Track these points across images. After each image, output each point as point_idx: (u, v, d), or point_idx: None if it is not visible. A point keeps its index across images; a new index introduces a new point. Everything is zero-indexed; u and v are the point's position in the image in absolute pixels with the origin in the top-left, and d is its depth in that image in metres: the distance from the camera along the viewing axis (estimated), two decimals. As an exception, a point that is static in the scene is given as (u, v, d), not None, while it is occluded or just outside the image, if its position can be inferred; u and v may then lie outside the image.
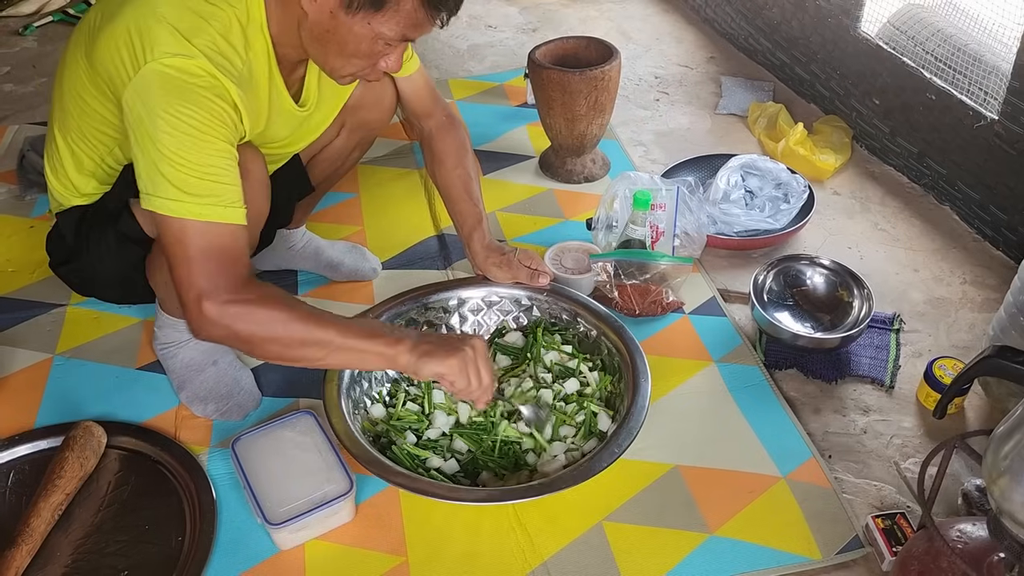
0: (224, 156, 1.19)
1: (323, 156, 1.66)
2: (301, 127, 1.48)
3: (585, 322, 1.57)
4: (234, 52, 1.22)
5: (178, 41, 1.16)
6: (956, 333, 1.73)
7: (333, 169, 1.71)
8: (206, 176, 1.17)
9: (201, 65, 1.17)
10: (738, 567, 1.29)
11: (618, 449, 1.31)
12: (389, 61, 1.29)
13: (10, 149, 2.29)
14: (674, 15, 3.13)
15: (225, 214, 1.19)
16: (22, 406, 1.55)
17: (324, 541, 1.33)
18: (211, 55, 1.18)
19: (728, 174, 2.01)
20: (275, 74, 1.32)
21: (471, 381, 1.28)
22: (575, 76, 1.98)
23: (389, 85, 1.60)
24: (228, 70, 1.20)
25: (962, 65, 1.94)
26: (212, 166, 1.18)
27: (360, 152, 1.73)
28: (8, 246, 1.95)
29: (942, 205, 2.09)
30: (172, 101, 1.15)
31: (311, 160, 1.65)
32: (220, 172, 1.19)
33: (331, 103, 1.52)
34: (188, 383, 1.54)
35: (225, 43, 1.21)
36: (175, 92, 1.15)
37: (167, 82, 1.15)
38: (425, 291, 1.60)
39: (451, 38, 2.98)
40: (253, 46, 1.25)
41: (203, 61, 1.17)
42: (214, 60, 1.18)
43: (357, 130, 1.64)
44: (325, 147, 1.64)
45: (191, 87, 1.16)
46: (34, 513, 1.29)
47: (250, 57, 1.25)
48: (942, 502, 1.38)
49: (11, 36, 3.00)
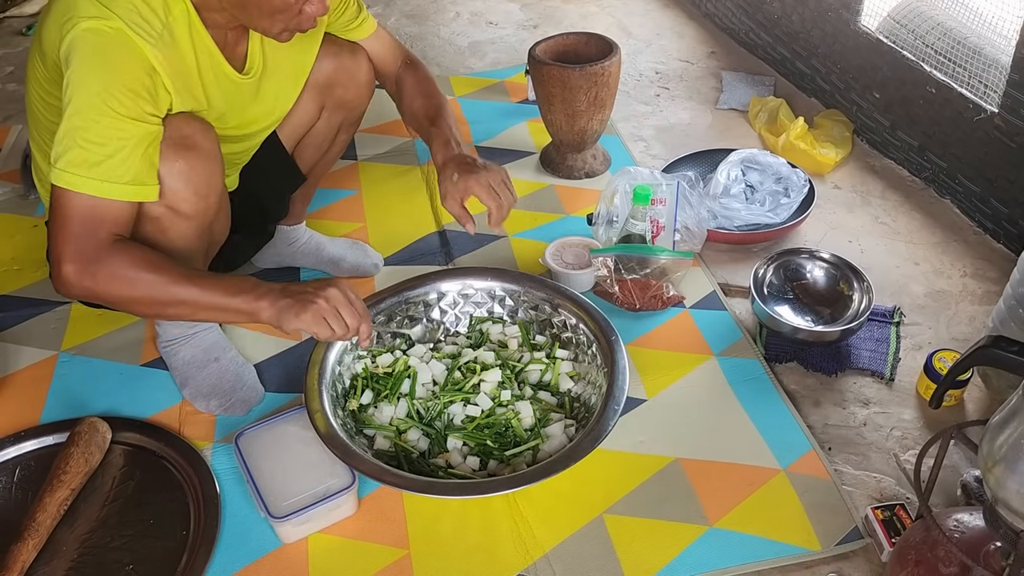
0: (132, 130, 1.21)
1: (307, 141, 1.66)
2: (256, 97, 1.47)
3: (565, 311, 1.57)
4: (153, 14, 1.23)
5: (95, 6, 1.19)
6: (956, 326, 1.74)
7: (321, 154, 1.71)
8: (109, 152, 1.19)
9: (115, 26, 1.19)
10: (738, 559, 1.30)
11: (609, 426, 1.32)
12: (312, 7, 1.29)
13: (14, 148, 2.31)
14: (675, 10, 3.13)
15: (119, 191, 1.21)
16: (28, 402, 1.56)
17: (327, 534, 1.34)
18: (127, 17, 1.20)
19: (728, 168, 2.01)
20: (201, 37, 1.31)
21: (334, 329, 1.27)
22: (575, 72, 1.99)
23: (362, 61, 1.61)
24: (145, 31, 1.21)
25: (962, 58, 1.95)
26: (118, 142, 1.20)
27: (347, 135, 1.73)
28: (12, 245, 1.96)
29: (943, 198, 2.09)
30: (86, 68, 1.18)
31: (296, 147, 1.65)
32: (125, 147, 1.21)
33: (285, 69, 1.50)
34: (191, 380, 1.55)
35: (143, 5, 1.22)
36: (91, 58, 1.18)
37: (84, 46, 1.18)
38: (404, 286, 1.61)
39: (452, 35, 2.99)
40: (172, 10, 1.26)
41: (118, 22, 1.19)
42: (130, 22, 1.20)
43: (337, 110, 1.64)
44: (308, 131, 1.64)
45: (105, 51, 1.19)
46: (40, 508, 1.30)
47: (170, 21, 1.26)
48: (941, 493, 1.38)
49: (14, 36, 3.02)
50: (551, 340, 1.59)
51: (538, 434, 1.41)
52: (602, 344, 1.48)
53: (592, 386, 1.48)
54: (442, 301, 1.63)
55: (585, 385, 1.50)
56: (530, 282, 1.62)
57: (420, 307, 1.62)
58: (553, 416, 1.45)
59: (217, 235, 1.48)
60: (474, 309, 1.64)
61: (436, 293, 1.62)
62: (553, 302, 1.59)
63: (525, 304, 1.62)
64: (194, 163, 1.30)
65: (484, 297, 1.64)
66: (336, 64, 1.57)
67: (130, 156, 1.22)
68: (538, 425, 1.43)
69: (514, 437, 1.41)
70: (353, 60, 1.59)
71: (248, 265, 1.84)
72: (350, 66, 1.59)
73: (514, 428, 1.42)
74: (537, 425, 1.43)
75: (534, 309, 1.62)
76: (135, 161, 1.22)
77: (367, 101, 1.68)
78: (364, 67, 1.61)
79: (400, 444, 1.41)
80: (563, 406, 1.49)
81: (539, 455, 1.39)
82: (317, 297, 1.26)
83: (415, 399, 1.47)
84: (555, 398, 1.50)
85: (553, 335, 1.60)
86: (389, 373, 1.51)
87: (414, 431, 1.43)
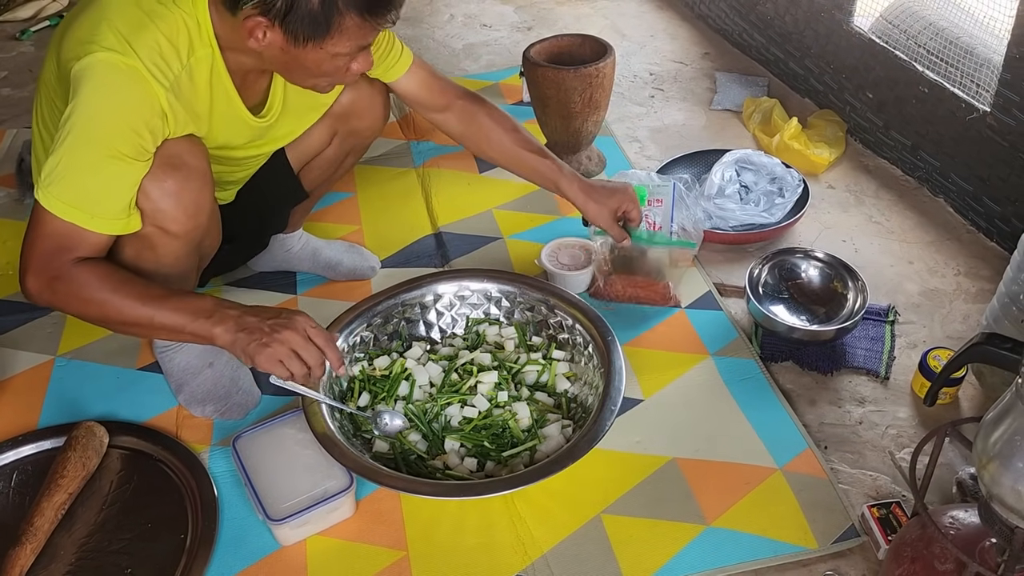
0: (121, 173, 1.21)
1: (315, 164, 1.66)
2: (264, 136, 1.47)
3: (562, 312, 1.58)
4: (174, 55, 1.22)
5: (117, 39, 1.18)
6: (951, 324, 1.75)
7: (327, 176, 1.71)
8: (92, 187, 1.20)
9: (132, 64, 1.18)
10: (735, 557, 1.31)
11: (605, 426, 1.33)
12: (357, 66, 1.30)
13: (8, 153, 2.30)
14: (668, 12, 3.14)
15: (101, 225, 1.22)
16: (25, 407, 1.56)
17: (325, 536, 1.34)
18: (147, 58, 1.19)
19: (723, 169, 2.02)
20: (221, 80, 1.30)
21: (293, 370, 1.25)
22: (570, 73, 1.99)
23: (379, 93, 1.60)
24: (162, 74, 1.21)
25: (954, 58, 1.95)
26: (102, 182, 1.21)
27: (354, 159, 1.73)
28: (7, 249, 1.95)
29: (936, 197, 2.10)
30: (92, 99, 1.18)
31: (303, 168, 1.65)
32: (113, 186, 1.21)
33: (301, 113, 1.50)
34: (185, 385, 1.55)
35: (168, 44, 1.21)
36: (100, 91, 1.18)
37: (96, 77, 1.17)
38: (399, 289, 1.61)
39: (446, 37, 2.99)
40: (196, 51, 1.25)
41: (135, 61, 1.18)
42: (149, 63, 1.19)
43: (349, 138, 1.64)
44: (316, 156, 1.64)
45: (117, 89, 1.18)
46: (38, 512, 1.30)
47: (191, 62, 1.25)
48: (937, 491, 1.39)
49: (8, 41, 3.02)
50: (547, 341, 1.60)
51: (535, 435, 1.41)
52: (598, 344, 1.48)
53: (589, 387, 1.48)
54: (438, 303, 1.63)
55: (582, 386, 1.51)
56: (526, 283, 1.62)
57: (416, 309, 1.62)
58: (550, 417, 1.45)
59: (207, 249, 1.47)
60: (470, 311, 1.65)
61: (432, 295, 1.62)
62: (549, 303, 1.59)
63: (521, 305, 1.63)
64: (183, 183, 1.29)
65: (480, 299, 1.64)
66: (354, 96, 1.56)
67: (121, 194, 1.23)
68: (535, 426, 1.43)
69: (511, 438, 1.42)
70: (371, 92, 1.58)
71: (244, 268, 1.84)
72: (368, 98, 1.58)
73: (511, 429, 1.42)
74: (534, 426, 1.43)
75: (530, 310, 1.62)
76: (124, 196, 1.23)
77: (380, 131, 1.68)
78: (380, 99, 1.61)
79: (400, 442, 1.41)
80: (560, 407, 1.49)
81: (536, 456, 1.39)
82: (272, 340, 1.23)
83: (412, 402, 1.47)
84: (552, 399, 1.51)
85: (549, 336, 1.60)
86: (386, 375, 1.51)
87: (413, 433, 1.43)
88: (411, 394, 1.48)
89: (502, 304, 1.64)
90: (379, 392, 1.49)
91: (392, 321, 1.60)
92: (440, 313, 1.64)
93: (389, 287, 1.61)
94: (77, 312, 1.27)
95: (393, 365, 1.53)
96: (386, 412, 1.43)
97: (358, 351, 1.54)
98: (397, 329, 1.60)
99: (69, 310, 1.27)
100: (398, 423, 1.42)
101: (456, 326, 1.65)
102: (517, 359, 1.56)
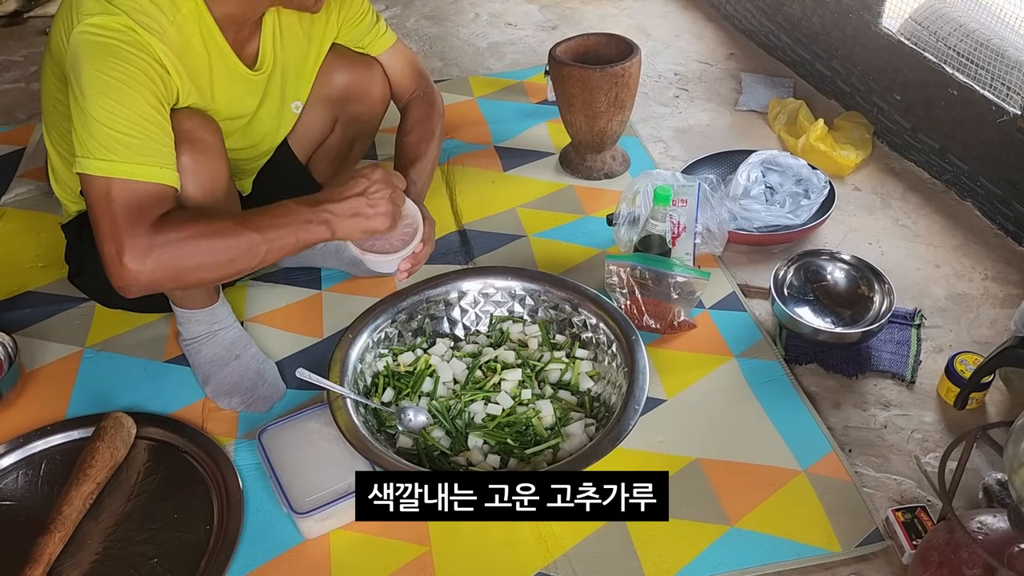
0: (151, 113, 1.20)
1: (321, 153, 1.67)
2: (264, 96, 1.47)
3: (586, 311, 1.58)
4: (160, 12, 1.23)
5: (99, 3, 1.19)
6: (977, 329, 1.73)
7: (336, 166, 1.72)
8: (134, 134, 1.18)
9: (122, 21, 1.18)
10: (758, 559, 1.30)
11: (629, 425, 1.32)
12: None
13: (38, 147, 2.33)
14: (694, 12, 3.13)
15: (153, 173, 1.19)
16: (54, 397, 1.58)
17: (349, 530, 1.35)
18: (134, 13, 1.20)
19: (748, 170, 2.01)
20: (212, 35, 1.31)
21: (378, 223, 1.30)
22: (595, 73, 1.99)
23: (378, 77, 1.61)
24: (152, 28, 1.21)
25: (984, 60, 1.94)
26: (139, 124, 1.18)
27: (361, 147, 1.73)
28: (38, 242, 1.98)
29: (964, 201, 2.08)
30: (95, 60, 1.17)
31: (310, 159, 1.66)
32: (148, 130, 1.19)
33: (293, 68, 1.50)
34: (212, 377, 1.56)
35: (150, 4, 1.22)
36: (98, 51, 1.18)
37: (90, 42, 1.18)
38: (424, 285, 1.61)
39: (471, 36, 3.00)
40: (181, 9, 1.26)
41: (124, 18, 1.19)
42: (137, 17, 1.20)
43: (350, 124, 1.65)
44: (321, 144, 1.65)
45: (113, 44, 1.18)
46: (66, 501, 1.32)
47: (178, 19, 1.25)
48: (963, 496, 1.38)
49: (38, 36, 3.05)
50: (571, 339, 1.60)
51: (558, 433, 1.41)
52: (622, 344, 1.48)
53: (612, 386, 1.48)
54: (463, 300, 1.64)
55: (605, 385, 1.51)
56: (550, 282, 1.62)
57: (441, 306, 1.62)
58: (573, 415, 1.46)
59: None
60: (495, 308, 1.65)
61: (457, 292, 1.63)
62: (573, 302, 1.59)
63: (545, 303, 1.63)
64: (198, 157, 1.29)
65: (504, 296, 1.64)
66: (351, 78, 1.57)
67: (160, 136, 1.21)
68: (558, 424, 1.43)
69: (534, 436, 1.42)
70: (368, 74, 1.60)
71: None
72: (365, 80, 1.59)
73: (534, 427, 1.42)
74: (557, 424, 1.43)
75: (554, 308, 1.62)
76: (164, 139, 1.21)
77: (381, 115, 1.68)
78: (379, 82, 1.62)
79: (423, 438, 1.41)
80: (583, 405, 1.49)
81: (559, 454, 1.39)
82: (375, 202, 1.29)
83: (436, 398, 1.48)
84: (575, 397, 1.51)
85: (573, 335, 1.60)
86: (411, 371, 1.52)
87: (437, 429, 1.43)
88: (435, 390, 1.48)
89: (526, 302, 1.64)
90: (403, 388, 1.49)
91: (416, 318, 1.60)
92: (464, 310, 1.64)
93: (413, 283, 1.62)
94: (189, 267, 1.19)
95: (417, 361, 1.53)
96: (410, 408, 1.44)
97: (382, 347, 1.55)
98: (421, 325, 1.61)
99: (179, 272, 1.20)
100: (422, 419, 1.43)
101: (480, 323, 1.65)
102: (541, 357, 1.56)
